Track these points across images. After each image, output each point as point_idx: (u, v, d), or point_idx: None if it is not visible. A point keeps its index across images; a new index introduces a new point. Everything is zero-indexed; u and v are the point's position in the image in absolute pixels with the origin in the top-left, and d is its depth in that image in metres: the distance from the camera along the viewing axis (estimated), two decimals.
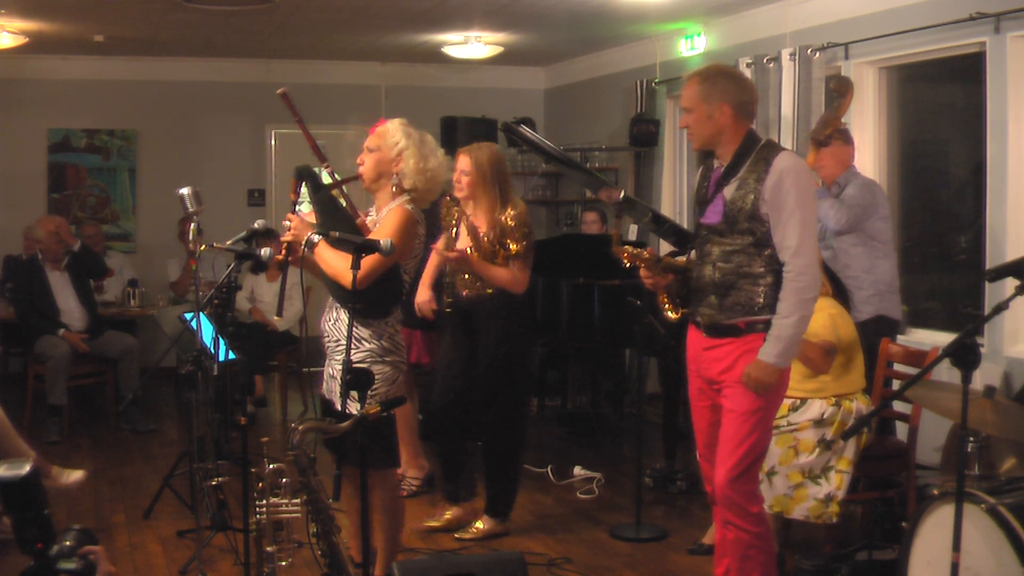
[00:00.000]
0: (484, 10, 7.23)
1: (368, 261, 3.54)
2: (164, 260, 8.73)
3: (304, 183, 3.78)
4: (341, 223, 3.73)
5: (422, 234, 3.90)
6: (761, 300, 3.51)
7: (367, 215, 3.98)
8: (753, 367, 3.48)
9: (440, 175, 3.90)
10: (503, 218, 4.76)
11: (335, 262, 3.63)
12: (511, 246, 4.73)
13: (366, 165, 3.86)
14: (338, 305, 3.82)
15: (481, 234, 4.77)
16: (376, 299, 3.73)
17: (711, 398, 3.68)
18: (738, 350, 3.55)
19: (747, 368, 3.49)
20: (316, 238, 3.67)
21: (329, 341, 3.86)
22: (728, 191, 3.54)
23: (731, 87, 3.54)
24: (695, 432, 3.80)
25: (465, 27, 7.91)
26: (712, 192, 3.61)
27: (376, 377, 3.70)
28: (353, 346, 3.73)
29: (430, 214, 5.07)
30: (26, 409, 7.18)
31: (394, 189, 3.84)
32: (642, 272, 3.78)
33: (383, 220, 3.80)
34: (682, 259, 3.84)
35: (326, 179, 3.93)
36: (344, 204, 3.88)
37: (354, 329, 3.73)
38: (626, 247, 3.80)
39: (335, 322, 3.84)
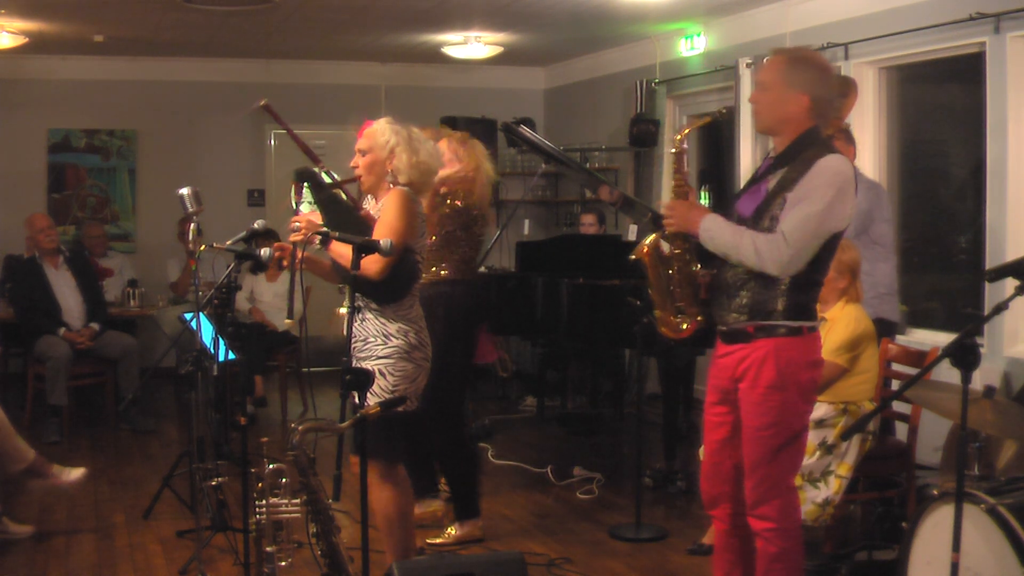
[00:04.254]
0: (484, 10, 7.23)
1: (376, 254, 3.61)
2: (164, 260, 8.72)
3: (306, 185, 3.84)
4: (348, 219, 3.79)
5: (424, 213, 3.96)
6: (778, 306, 3.25)
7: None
8: (688, 208, 3.33)
9: (432, 164, 3.98)
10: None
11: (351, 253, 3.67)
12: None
13: (361, 168, 3.92)
14: (361, 304, 3.84)
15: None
16: (389, 283, 3.78)
17: (719, 414, 3.45)
18: (749, 358, 3.28)
19: (686, 207, 3.34)
20: (329, 234, 3.71)
21: (356, 341, 3.85)
22: (772, 182, 3.29)
23: (817, 79, 3.27)
24: (704, 441, 3.61)
25: (465, 27, 7.91)
26: (760, 179, 3.36)
27: (397, 374, 3.80)
28: (381, 342, 3.81)
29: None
30: (26, 409, 7.18)
31: (391, 186, 3.90)
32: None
33: (383, 209, 3.86)
34: None
35: (325, 178, 3.97)
36: (345, 199, 3.93)
37: (382, 325, 3.81)
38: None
39: (362, 322, 3.85)
